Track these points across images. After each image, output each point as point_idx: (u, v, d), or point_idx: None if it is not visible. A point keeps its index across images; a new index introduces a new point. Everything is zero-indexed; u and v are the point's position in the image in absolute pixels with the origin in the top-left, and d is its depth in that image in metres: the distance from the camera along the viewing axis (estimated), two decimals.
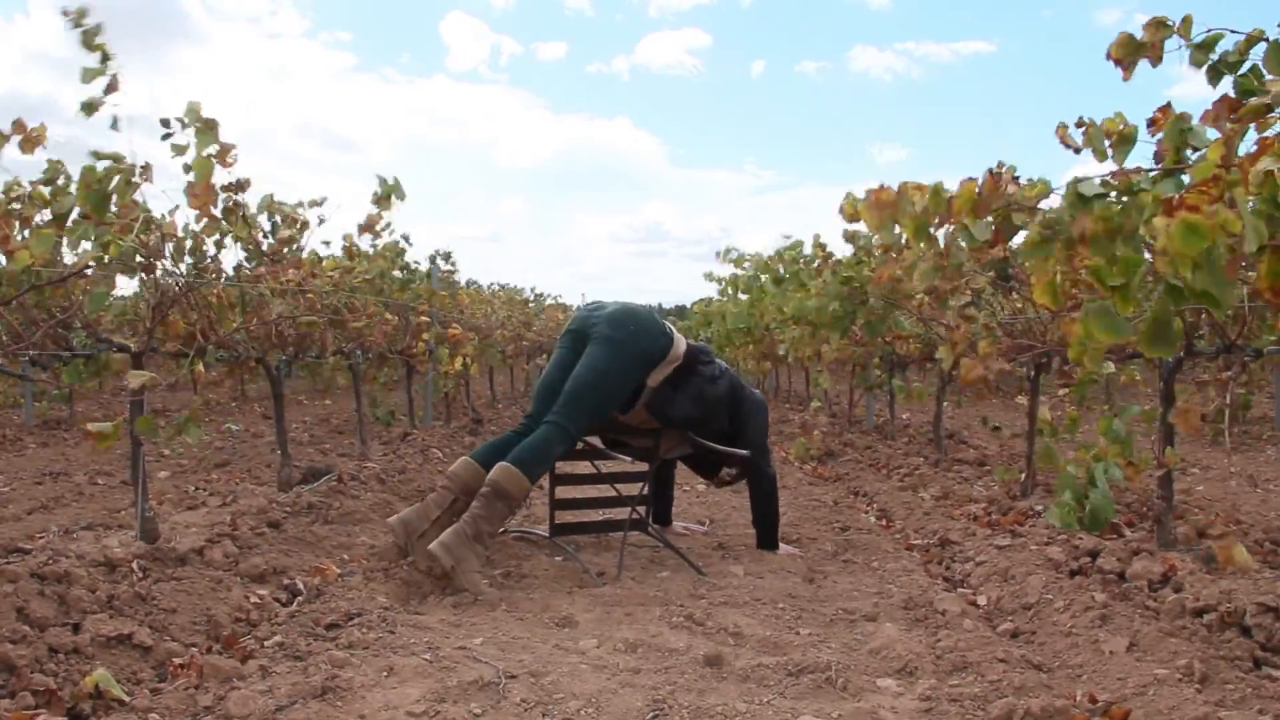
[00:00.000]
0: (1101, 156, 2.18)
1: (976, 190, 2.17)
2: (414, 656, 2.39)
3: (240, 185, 3.52)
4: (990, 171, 2.19)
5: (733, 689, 2.29)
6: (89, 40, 2.62)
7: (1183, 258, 1.48)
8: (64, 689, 2.04)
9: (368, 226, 5.21)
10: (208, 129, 2.95)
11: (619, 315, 3.55)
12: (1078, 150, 2.26)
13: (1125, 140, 2.16)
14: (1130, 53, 2.13)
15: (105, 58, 2.67)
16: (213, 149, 2.96)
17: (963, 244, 2.29)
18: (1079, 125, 2.25)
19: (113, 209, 2.72)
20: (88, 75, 2.68)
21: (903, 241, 2.38)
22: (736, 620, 2.82)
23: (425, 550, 3.08)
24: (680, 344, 3.65)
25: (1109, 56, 2.17)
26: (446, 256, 7.42)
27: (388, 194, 4.93)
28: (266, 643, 2.51)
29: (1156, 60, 2.13)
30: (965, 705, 2.16)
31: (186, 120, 2.99)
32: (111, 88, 2.71)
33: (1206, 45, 2.08)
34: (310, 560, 3.36)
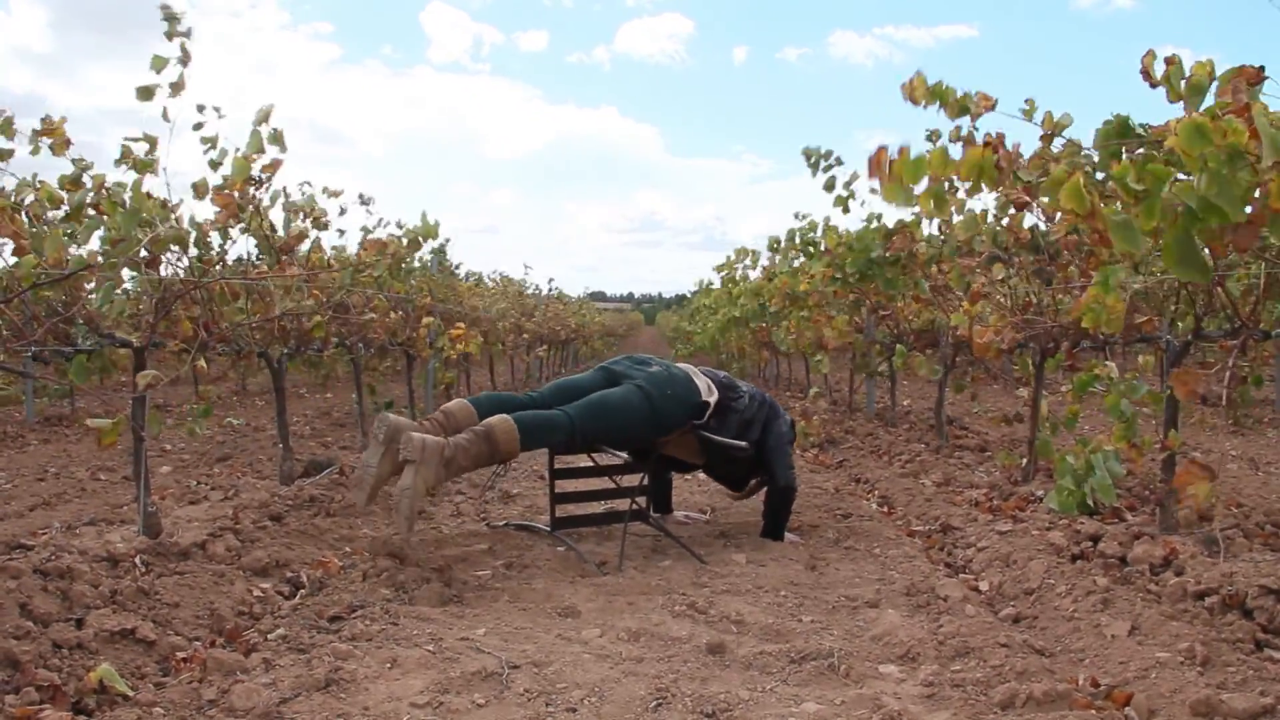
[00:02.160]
0: (1175, 97, 2.12)
1: (994, 160, 2.11)
2: (417, 648, 2.39)
3: (274, 165, 3.51)
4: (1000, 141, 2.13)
5: (736, 676, 2.30)
6: (172, 32, 2.72)
7: (1189, 158, 1.46)
8: (68, 684, 2.04)
9: (396, 263, 5.28)
10: (271, 140, 3.02)
11: (661, 377, 3.69)
12: (1155, 85, 2.19)
13: (1197, 90, 2.09)
14: None
15: (186, 57, 2.76)
16: (264, 158, 3.04)
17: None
18: (1168, 63, 2.17)
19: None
20: (157, 63, 2.77)
21: (914, 209, 2.32)
22: (739, 608, 2.83)
23: (407, 436, 3.08)
24: (712, 397, 3.75)
25: None
26: (441, 249, 7.39)
27: (426, 233, 5.07)
28: (269, 636, 2.51)
29: None
30: (968, 690, 2.16)
31: (254, 122, 3.05)
32: (179, 87, 2.82)
33: None
34: (312, 553, 3.37)
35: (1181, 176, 1.64)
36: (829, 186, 5.77)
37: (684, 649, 2.49)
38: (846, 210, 6.00)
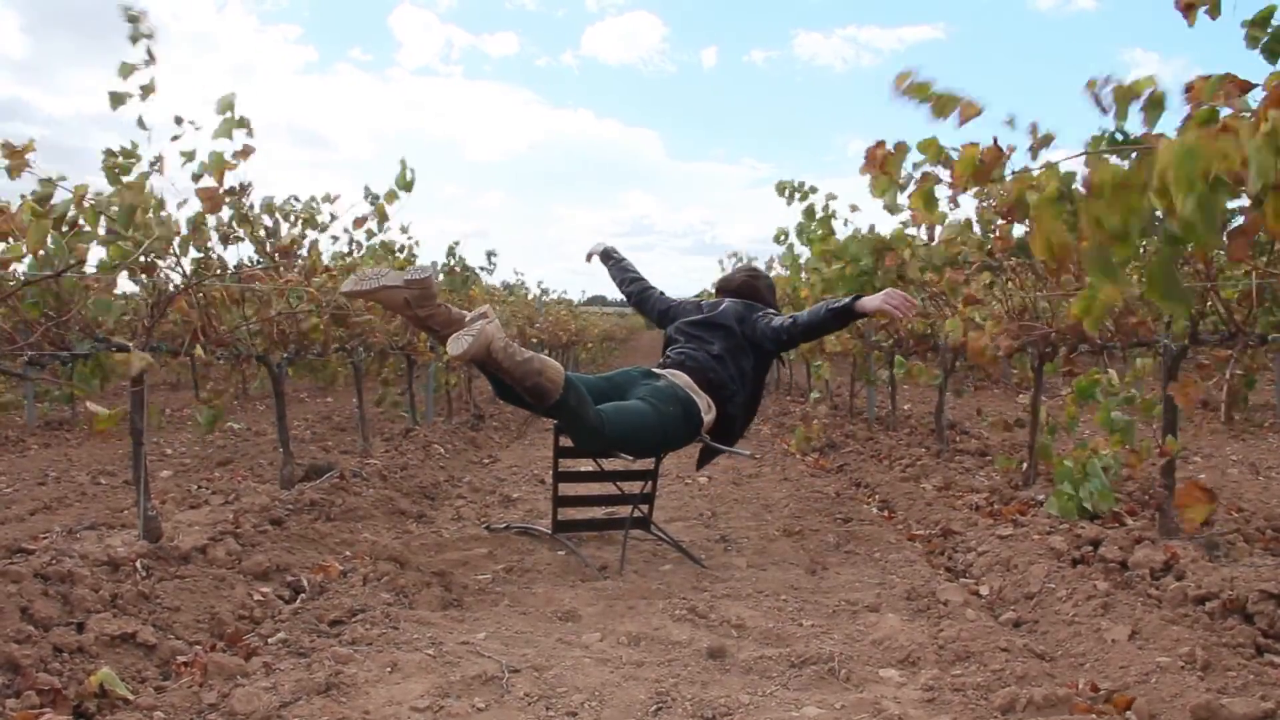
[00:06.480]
0: (1125, 120, 2.10)
1: (978, 158, 2.12)
2: (417, 652, 2.39)
3: (244, 189, 3.54)
4: (995, 139, 2.14)
5: (736, 681, 2.30)
6: (137, 35, 2.66)
7: (1178, 181, 1.44)
8: (69, 688, 2.04)
9: (360, 221, 5.32)
10: (237, 125, 2.96)
11: (666, 393, 3.68)
12: (1106, 111, 2.18)
13: (1156, 104, 2.06)
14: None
15: (151, 59, 2.71)
16: (231, 147, 2.99)
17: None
18: (1107, 84, 2.15)
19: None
20: (125, 70, 2.72)
21: (905, 204, 2.31)
22: (739, 612, 2.83)
23: (482, 309, 3.24)
24: (710, 415, 3.74)
25: (1177, 6, 2.08)
26: (489, 255, 7.79)
27: (404, 185, 5.05)
28: (270, 640, 2.51)
29: (1214, 13, 2.04)
30: (968, 695, 2.16)
31: (217, 111, 3.01)
32: (149, 90, 2.76)
33: (1260, 21, 2.02)
34: (313, 557, 3.37)
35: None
36: (809, 215, 5.78)
37: (684, 653, 2.49)
38: (831, 232, 6.04)
